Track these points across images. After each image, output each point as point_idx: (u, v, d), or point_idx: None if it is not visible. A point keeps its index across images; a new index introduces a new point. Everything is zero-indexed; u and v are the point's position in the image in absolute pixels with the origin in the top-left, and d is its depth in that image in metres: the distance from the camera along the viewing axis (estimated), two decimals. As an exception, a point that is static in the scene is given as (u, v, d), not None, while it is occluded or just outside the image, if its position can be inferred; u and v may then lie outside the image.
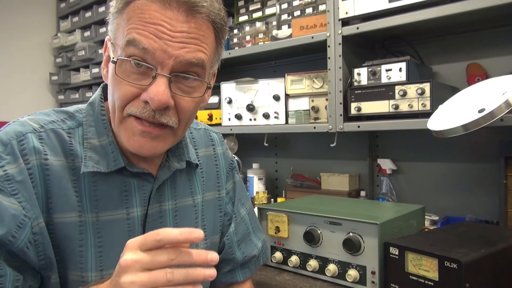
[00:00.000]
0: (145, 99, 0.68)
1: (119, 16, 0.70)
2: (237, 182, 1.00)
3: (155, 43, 0.66)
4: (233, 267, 0.96)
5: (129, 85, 0.68)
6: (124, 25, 0.68)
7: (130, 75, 0.68)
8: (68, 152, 0.74)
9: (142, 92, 0.69)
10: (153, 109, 0.68)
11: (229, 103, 1.85)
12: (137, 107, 0.69)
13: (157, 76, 0.67)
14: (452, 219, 1.51)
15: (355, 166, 1.84)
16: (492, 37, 1.49)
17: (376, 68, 1.44)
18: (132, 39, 0.66)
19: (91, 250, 0.73)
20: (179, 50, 0.67)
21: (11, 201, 0.66)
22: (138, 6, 0.67)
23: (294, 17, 1.70)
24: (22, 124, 0.73)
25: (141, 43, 0.66)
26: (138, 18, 0.67)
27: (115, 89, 0.70)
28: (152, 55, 0.66)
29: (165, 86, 0.67)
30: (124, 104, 0.70)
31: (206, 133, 0.99)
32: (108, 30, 0.74)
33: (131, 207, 0.77)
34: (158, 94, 0.67)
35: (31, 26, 2.92)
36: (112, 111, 0.73)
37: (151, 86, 0.67)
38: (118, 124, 0.72)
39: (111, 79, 0.72)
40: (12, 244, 0.64)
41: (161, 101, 0.67)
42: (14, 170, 0.67)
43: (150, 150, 0.72)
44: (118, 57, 0.69)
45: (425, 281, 0.93)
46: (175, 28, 0.67)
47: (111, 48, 0.73)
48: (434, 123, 1.19)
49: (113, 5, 0.72)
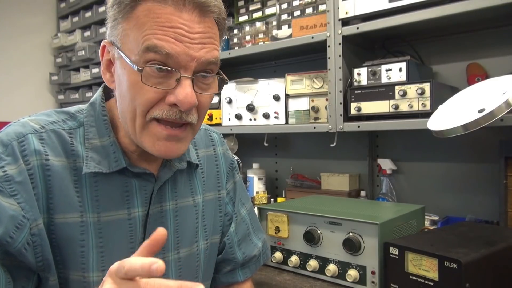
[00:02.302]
0: (172, 102, 0.68)
1: (125, 21, 0.68)
2: (237, 182, 1.00)
3: (177, 47, 0.66)
4: (233, 267, 0.96)
5: (152, 90, 0.68)
6: (137, 31, 0.67)
7: (150, 79, 0.68)
8: (70, 152, 0.74)
9: (165, 95, 0.69)
10: (180, 111, 0.69)
11: (229, 103, 1.85)
12: (162, 110, 0.69)
13: (181, 78, 0.68)
14: (452, 219, 1.51)
15: (355, 166, 1.84)
16: (492, 37, 1.49)
17: (376, 68, 1.44)
18: (152, 45, 0.65)
19: (92, 251, 0.73)
20: (199, 52, 0.68)
21: (10, 202, 0.66)
22: (150, 10, 0.66)
23: (294, 17, 1.70)
24: (22, 125, 0.72)
25: (164, 49, 0.65)
26: (154, 23, 0.66)
27: (136, 96, 0.69)
28: (175, 59, 0.66)
29: (191, 88, 0.68)
30: (147, 109, 0.69)
31: (207, 133, 0.99)
32: (108, 34, 0.73)
33: (132, 207, 0.77)
34: (187, 96, 0.67)
35: (31, 26, 2.92)
36: (131, 117, 0.71)
37: (178, 89, 0.68)
38: (140, 130, 0.71)
39: (129, 86, 0.69)
40: (9, 245, 0.64)
41: (191, 103, 0.68)
42: (14, 171, 0.67)
43: (176, 152, 0.73)
44: (144, 65, 0.67)
45: (425, 281, 0.93)
46: (192, 29, 0.67)
47: (117, 54, 0.71)
48: (434, 123, 1.19)
49: (113, 9, 0.70)
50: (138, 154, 0.78)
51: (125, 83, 0.70)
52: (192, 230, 0.87)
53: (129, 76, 0.69)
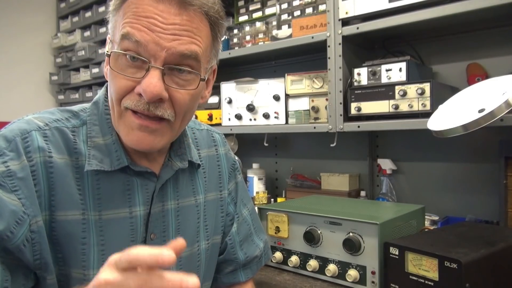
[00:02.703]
0: (139, 91, 0.69)
1: (116, 14, 0.72)
2: (239, 183, 1.01)
3: (147, 35, 0.67)
4: (235, 268, 0.96)
5: (124, 79, 0.70)
6: (120, 21, 0.70)
7: (126, 69, 0.69)
8: (72, 150, 0.74)
9: (136, 85, 0.70)
10: (147, 102, 0.69)
11: (229, 103, 1.85)
12: (132, 100, 0.70)
13: (150, 68, 0.68)
14: (452, 219, 1.51)
15: (355, 166, 1.84)
16: (492, 37, 1.49)
17: (376, 68, 1.44)
18: (126, 33, 0.68)
19: (93, 248, 0.73)
20: (171, 42, 0.68)
21: (11, 197, 0.66)
22: (132, 1, 0.69)
23: (294, 17, 1.70)
24: (26, 122, 0.73)
25: (134, 36, 0.67)
26: (132, 13, 0.68)
27: (111, 83, 0.72)
28: (145, 47, 0.67)
29: (158, 78, 0.68)
30: (120, 97, 0.71)
31: (209, 134, 0.99)
32: (108, 29, 0.76)
33: (134, 205, 0.77)
34: (150, 86, 0.67)
35: (31, 26, 2.92)
36: (112, 106, 0.74)
37: (144, 79, 0.68)
38: (118, 119, 0.73)
39: (108, 74, 0.73)
40: (9, 240, 0.64)
41: (153, 92, 0.67)
42: (16, 167, 0.68)
43: (148, 145, 0.73)
44: (111, 50, 0.70)
45: (425, 281, 0.93)
46: (167, 20, 0.67)
47: (109, 45, 0.74)
48: (434, 123, 1.19)
49: (111, 4, 0.73)
50: (139, 152, 0.78)
51: (108, 72, 0.73)
52: (194, 230, 0.87)
53: (107, 64, 0.73)
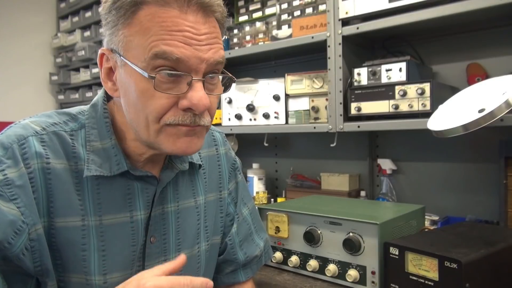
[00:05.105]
0: (186, 106, 0.67)
1: (126, 27, 0.66)
2: (239, 183, 1.00)
3: (187, 51, 0.65)
4: (235, 268, 0.96)
5: (164, 97, 0.66)
6: (142, 37, 0.65)
7: (161, 85, 0.66)
8: (71, 154, 0.73)
9: (178, 100, 0.67)
10: (193, 115, 0.68)
11: (229, 103, 1.85)
12: (177, 115, 0.68)
13: (193, 82, 0.67)
14: (452, 219, 1.51)
15: (355, 166, 1.84)
16: (492, 37, 1.49)
17: (376, 68, 1.44)
18: (161, 51, 0.64)
19: (94, 254, 0.72)
20: (208, 53, 0.67)
21: (10, 206, 0.65)
22: (154, 14, 0.64)
23: (294, 17, 1.70)
24: (23, 127, 0.71)
25: (173, 54, 0.64)
26: (160, 28, 0.64)
27: (147, 103, 0.67)
28: (186, 63, 0.65)
29: (203, 90, 0.68)
30: (160, 116, 0.68)
31: (209, 133, 0.98)
32: (107, 41, 0.70)
33: (134, 210, 0.76)
34: (202, 99, 0.67)
35: (31, 26, 2.92)
36: (145, 125, 0.69)
37: (191, 93, 0.66)
38: (156, 135, 0.69)
39: (139, 94, 0.67)
40: (7, 250, 0.63)
41: (205, 105, 0.67)
42: (14, 175, 0.66)
43: (195, 148, 0.72)
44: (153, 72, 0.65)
45: (425, 281, 0.93)
46: (199, 31, 0.66)
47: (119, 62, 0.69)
48: (434, 123, 1.19)
49: (112, 15, 0.67)
50: (146, 157, 0.77)
51: (134, 92, 0.67)
52: (194, 231, 0.87)
53: (137, 84, 0.67)
